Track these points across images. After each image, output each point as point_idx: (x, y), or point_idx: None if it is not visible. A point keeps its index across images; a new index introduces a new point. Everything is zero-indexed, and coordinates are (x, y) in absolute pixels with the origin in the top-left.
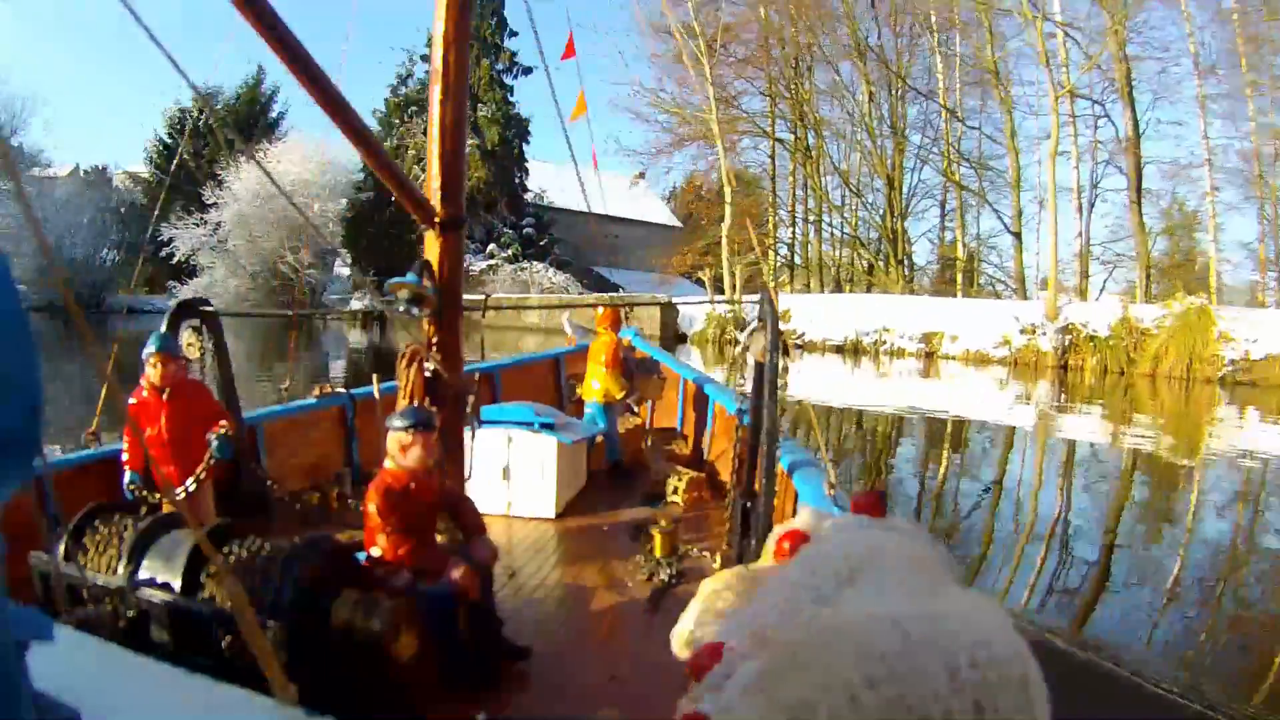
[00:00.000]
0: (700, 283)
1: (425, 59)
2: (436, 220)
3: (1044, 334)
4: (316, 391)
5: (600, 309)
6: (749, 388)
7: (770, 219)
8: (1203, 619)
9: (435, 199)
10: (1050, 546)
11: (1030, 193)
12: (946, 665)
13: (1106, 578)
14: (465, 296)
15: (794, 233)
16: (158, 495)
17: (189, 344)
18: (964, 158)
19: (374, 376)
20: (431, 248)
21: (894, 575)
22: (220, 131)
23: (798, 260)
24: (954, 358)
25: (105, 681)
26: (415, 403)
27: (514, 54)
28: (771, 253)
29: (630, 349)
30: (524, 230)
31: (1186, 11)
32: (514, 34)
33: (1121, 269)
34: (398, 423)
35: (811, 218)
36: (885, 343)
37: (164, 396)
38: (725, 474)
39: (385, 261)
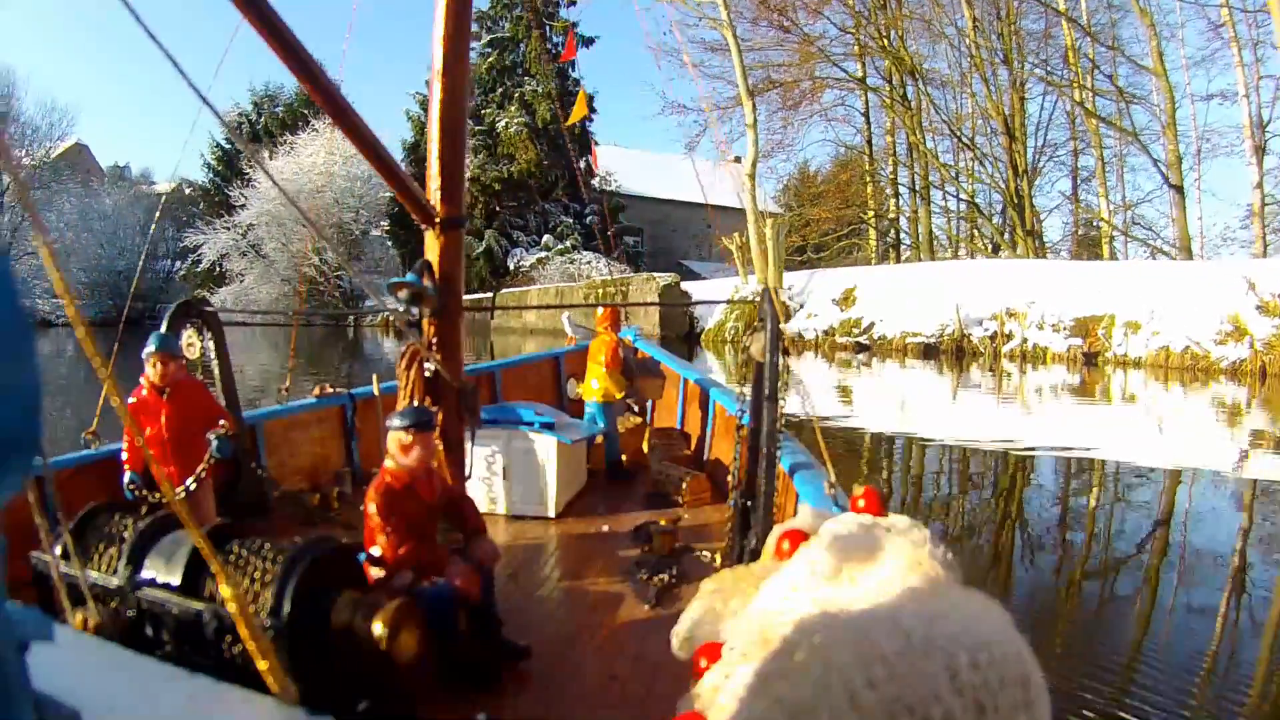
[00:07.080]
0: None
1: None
2: (436, 220)
3: None
4: (316, 391)
5: (600, 309)
6: (749, 388)
7: (868, 188)
8: None
9: (435, 199)
10: None
11: (1185, 141)
12: (947, 666)
13: None
14: (467, 296)
15: (896, 204)
16: (158, 495)
17: (189, 344)
18: (1113, 85)
19: (374, 376)
20: (431, 247)
21: (895, 575)
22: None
23: (905, 239)
24: (1136, 363)
25: (105, 681)
26: (415, 403)
27: (574, 25)
28: (871, 230)
29: (631, 349)
30: (586, 219)
31: None
32: (573, 1)
33: None
34: (398, 423)
35: (918, 185)
36: (1011, 337)
37: (164, 396)
38: (725, 474)
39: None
